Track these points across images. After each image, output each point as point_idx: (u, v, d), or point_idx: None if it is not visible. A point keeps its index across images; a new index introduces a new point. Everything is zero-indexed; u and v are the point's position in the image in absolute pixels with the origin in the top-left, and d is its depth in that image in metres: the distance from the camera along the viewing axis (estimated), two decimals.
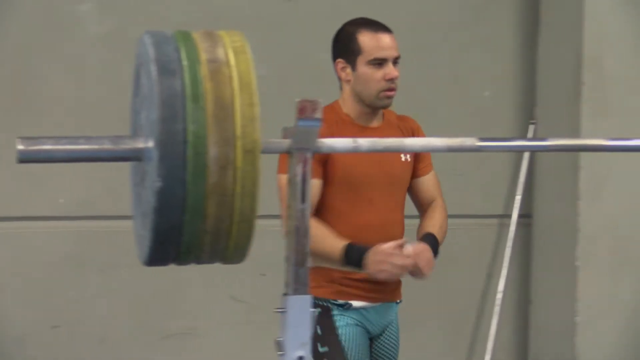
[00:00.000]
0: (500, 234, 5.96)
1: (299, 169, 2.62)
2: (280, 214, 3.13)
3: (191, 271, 3.03)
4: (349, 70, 3.65)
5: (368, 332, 3.70)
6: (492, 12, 5.95)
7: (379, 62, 3.58)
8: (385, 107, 3.69)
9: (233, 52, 2.49)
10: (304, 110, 2.55)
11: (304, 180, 2.62)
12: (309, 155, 2.62)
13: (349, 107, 3.69)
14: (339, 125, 3.58)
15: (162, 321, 5.62)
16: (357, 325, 3.64)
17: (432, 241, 3.71)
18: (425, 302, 5.89)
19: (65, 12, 5.41)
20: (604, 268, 5.54)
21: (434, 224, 3.82)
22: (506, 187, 5.98)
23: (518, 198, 5.79)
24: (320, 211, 3.62)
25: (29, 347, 5.42)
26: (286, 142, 2.61)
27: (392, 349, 3.85)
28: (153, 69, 2.43)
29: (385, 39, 3.63)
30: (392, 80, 3.58)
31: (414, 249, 3.56)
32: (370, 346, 3.77)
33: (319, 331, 3.58)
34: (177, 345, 5.65)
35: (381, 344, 3.81)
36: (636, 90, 5.42)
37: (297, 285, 2.68)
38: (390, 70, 3.58)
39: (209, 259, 2.56)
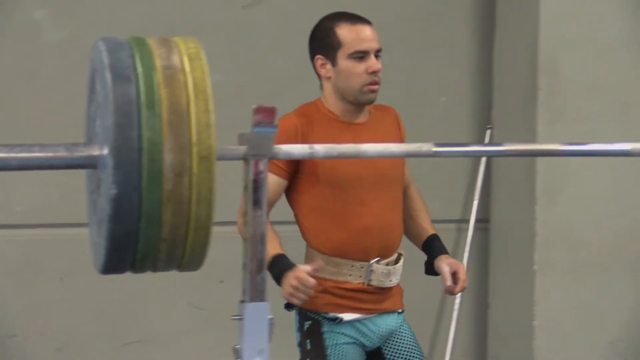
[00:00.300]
0: (458, 238, 5.98)
1: (254, 176, 2.64)
2: (234, 220, 3.06)
3: (150, 278, 3.03)
4: (329, 66, 3.53)
5: (364, 346, 3.59)
6: (448, 17, 5.98)
7: (360, 56, 3.47)
8: (370, 102, 3.57)
9: (188, 59, 2.49)
10: (260, 116, 2.55)
11: (260, 187, 2.63)
12: (264, 161, 2.62)
13: (332, 104, 3.57)
14: (322, 122, 3.50)
15: (121, 329, 5.61)
16: (348, 343, 3.52)
17: (441, 245, 3.70)
18: None
19: (20, 18, 5.41)
20: (561, 272, 5.58)
21: (426, 221, 3.79)
22: (463, 192, 6.01)
23: (475, 203, 5.81)
24: (314, 215, 3.54)
25: None
26: (242, 149, 2.62)
27: (412, 351, 3.72)
28: (107, 75, 2.43)
29: (365, 30, 3.52)
30: (374, 73, 3.48)
31: (449, 268, 3.53)
32: (379, 355, 3.66)
33: (308, 346, 3.53)
34: (136, 353, 5.65)
35: (394, 349, 3.68)
36: (592, 95, 5.46)
37: (254, 293, 2.69)
38: (372, 63, 3.48)
39: (165, 266, 2.55)
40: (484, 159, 5.74)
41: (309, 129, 3.45)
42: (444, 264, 3.55)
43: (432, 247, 3.64)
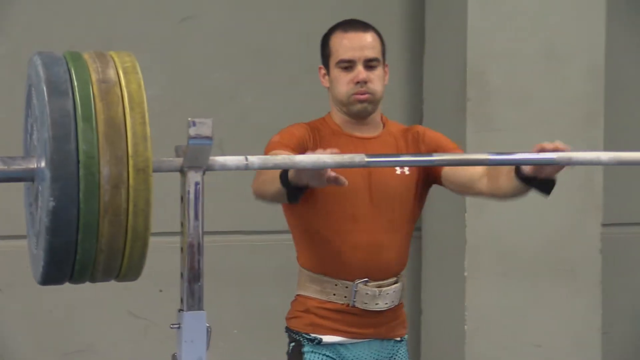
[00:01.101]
0: None
1: (192, 186, 2.64)
2: (174, 231, 2.99)
3: (89, 288, 3.03)
4: (327, 76, 3.43)
5: None
6: (379, 30, 6.00)
7: (346, 65, 3.34)
8: (360, 112, 3.37)
9: (123, 72, 2.51)
10: (196, 129, 2.54)
11: (197, 198, 2.64)
12: (202, 173, 2.64)
13: (335, 117, 3.45)
14: (329, 136, 3.35)
15: (60, 339, 5.57)
16: None
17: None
18: None
19: None
20: (490, 277, 5.64)
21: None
22: None
23: None
24: (302, 229, 3.40)
25: None
26: (178, 161, 2.63)
27: None
28: (44, 89, 2.45)
29: (354, 38, 3.38)
30: (360, 83, 3.31)
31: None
32: None
33: None
34: None
35: None
36: (519, 105, 5.53)
37: (191, 302, 2.70)
38: (358, 72, 3.32)
39: (104, 277, 2.58)
40: None
41: (316, 139, 3.33)
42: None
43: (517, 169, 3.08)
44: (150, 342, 5.64)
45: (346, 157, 2.80)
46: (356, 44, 3.32)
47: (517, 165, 3.11)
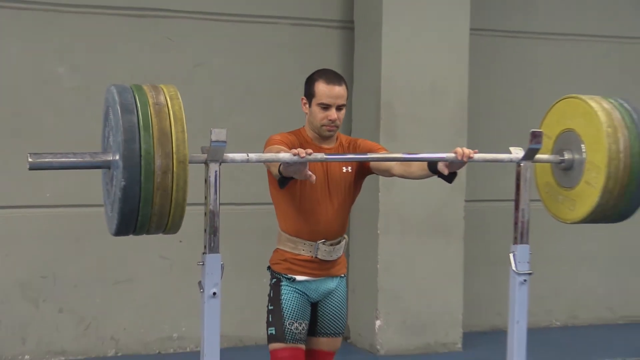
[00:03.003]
0: None
1: (213, 173, 2.68)
2: (200, 202, 2.81)
3: (133, 238, 3.00)
4: (307, 106, 3.30)
5: (309, 298, 3.34)
6: (317, 68, 5.93)
7: (325, 106, 3.23)
8: (326, 136, 3.30)
9: (169, 98, 2.55)
10: (216, 136, 2.59)
11: (216, 181, 2.68)
12: (218, 165, 2.67)
13: (308, 132, 3.33)
14: (302, 144, 3.21)
15: (114, 273, 5.54)
16: (297, 292, 3.30)
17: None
18: (244, 289, 5.60)
19: (48, 71, 5.32)
20: (394, 234, 5.62)
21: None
22: None
23: None
24: (284, 207, 3.32)
25: None
26: (204, 156, 2.68)
27: (337, 309, 3.42)
28: (118, 109, 2.48)
29: (333, 90, 3.24)
30: (331, 121, 3.24)
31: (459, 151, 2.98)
32: (315, 308, 3.39)
33: (271, 294, 3.35)
34: (125, 288, 5.56)
35: (326, 306, 3.40)
36: (413, 124, 5.54)
37: (211, 248, 2.71)
38: (331, 113, 3.23)
39: (155, 231, 2.59)
40: None
41: (295, 144, 3.19)
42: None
43: (432, 164, 3.09)
44: (173, 276, 5.60)
45: (315, 155, 2.83)
46: (334, 94, 3.23)
47: (416, 160, 3.17)
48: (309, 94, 3.29)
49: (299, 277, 3.31)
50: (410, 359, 5.63)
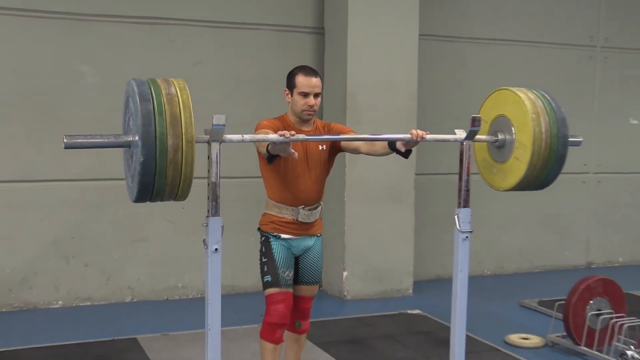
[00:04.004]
0: None
1: (214, 151, 2.65)
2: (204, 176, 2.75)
3: (146, 205, 2.97)
4: (289, 96, 3.25)
5: (292, 252, 3.32)
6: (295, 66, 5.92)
7: (304, 94, 3.20)
8: (306, 120, 3.27)
9: (179, 89, 2.52)
10: (217, 120, 2.58)
11: (216, 158, 2.66)
12: (219, 144, 2.65)
13: (290, 117, 3.28)
14: (286, 128, 3.19)
15: (130, 233, 5.51)
16: (283, 246, 3.29)
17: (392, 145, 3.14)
18: (236, 246, 5.60)
19: (75, 69, 5.27)
20: (358, 201, 5.61)
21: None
22: None
23: None
24: (271, 179, 3.29)
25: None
26: (207, 137, 2.65)
27: (314, 262, 3.40)
28: (137, 98, 2.45)
29: (310, 81, 3.21)
30: (309, 106, 3.21)
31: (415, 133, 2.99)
32: (297, 262, 3.38)
33: (262, 249, 3.33)
34: (139, 247, 5.55)
35: (305, 259, 3.38)
36: (373, 112, 5.51)
37: (213, 212, 2.69)
38: (309, 100, 3.20)
39: (168, 199, 2.57)
40: None
41: (280, 127, 3.17)
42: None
43: (392, 143, 3.11)
44: (178, 236, 5.57)
45: (297, 136, 2.83)
46: (311, 84, 3.20)
47: (379, 140, 3.15)
48: (291, 85, 3.25)
49: (283, 235, 3.29)
50: (370, 302, 5.66)
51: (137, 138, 2.43)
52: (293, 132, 2.84)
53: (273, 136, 2.82)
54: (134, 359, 4.18)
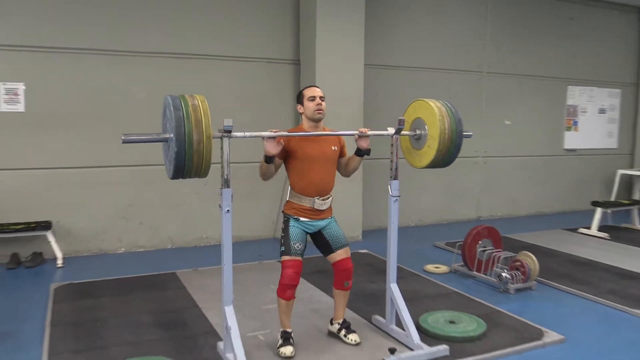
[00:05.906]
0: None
1: (225, 144, 2.59)
2: (217, 162, 2.69)
3: (177, 182, 2.84)
4: (301, 107, 2.95)
5: (306, 230, 2.99)
6: (280, 88, 5.77)
7: (312, 99, 2.92)
8: (318, 119, 2.94)
9: (200, 102, 2.46)
10: (227, 122, 2.54)
11: (227, 147, 2.60)
12: (229, 139, 2.59)
13: (305, 124, 2.97)
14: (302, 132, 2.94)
15: (168, 201, 5.33)
16: (298, 227, 2.95)
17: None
18: (240, 210, 5.52)
19: (129, 89, 5.11)
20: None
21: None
22: None
23: None
24: (293, 173, 2.97)
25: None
26: (220, 134, 2.60)
27: (335, 232, 3.05)
28: (172, 108, 2.40)
29: (315, 90, 2.95)
30: (318, 105, 2.92)
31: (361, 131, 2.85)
32: (322, 236, 3.03)
33: (283, 227, 2.99)
34: (176, 210, 5.39)
35: (328, 232, 3.04)
36: (335, 117, 5.26)
37: (225, 185, 2.64)
38: (317, 102, 2.91)
39: (194, 176, 2.51)
40: None
41: (294, 136, 2.92)
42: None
43: (357, 150, 3.02)
44: (202, 203, 5.43)
45: (281, 132, 2.71)
46: (316, 92, 2.94)
47: (337, 135, 2.99)
48: (300, 98, 2.98)
49: (302, 218, 2.99)
50: None
51: (172, 135, 2.40)
52: (277, 130, 2.76)
53: (265, 133, 2.74)
54: (173, 286, 4.15)
